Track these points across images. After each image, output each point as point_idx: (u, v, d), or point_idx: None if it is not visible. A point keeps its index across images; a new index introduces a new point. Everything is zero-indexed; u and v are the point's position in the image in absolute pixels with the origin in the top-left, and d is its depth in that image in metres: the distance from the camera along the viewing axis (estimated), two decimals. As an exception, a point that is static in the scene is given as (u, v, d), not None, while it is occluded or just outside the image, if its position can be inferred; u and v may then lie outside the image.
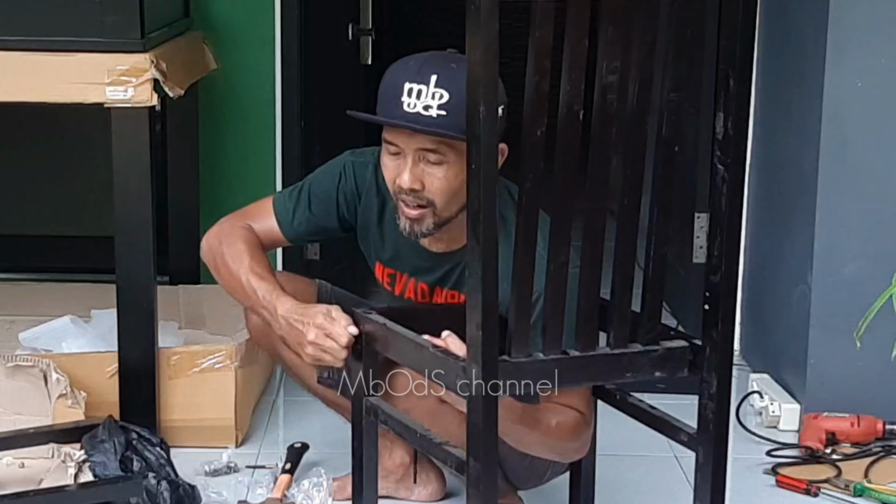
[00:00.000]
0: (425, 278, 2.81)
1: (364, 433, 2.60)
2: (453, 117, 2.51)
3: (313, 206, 2.86)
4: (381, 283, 2.92)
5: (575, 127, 2.12)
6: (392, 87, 2.59)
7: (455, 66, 2.55)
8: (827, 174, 3.55)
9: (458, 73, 2.49)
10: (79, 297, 4.00)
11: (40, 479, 3.06)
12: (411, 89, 2.55)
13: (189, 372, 3.42)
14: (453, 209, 2.64)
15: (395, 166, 2.63)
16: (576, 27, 2.07)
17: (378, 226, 2.84)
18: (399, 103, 2.56)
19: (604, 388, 2.59)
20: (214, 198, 4.26)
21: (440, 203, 2.62)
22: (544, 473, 2.90)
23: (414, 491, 3.15)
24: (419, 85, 2.55)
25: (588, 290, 2.25)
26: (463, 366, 2.19)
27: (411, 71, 2.58)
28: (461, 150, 2.43)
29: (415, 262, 2.81)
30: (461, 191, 2.54)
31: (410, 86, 2.55)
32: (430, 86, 2.54)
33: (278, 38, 4.17)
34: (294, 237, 2.90)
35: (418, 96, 2.54)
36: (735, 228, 2.27)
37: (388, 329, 2.48)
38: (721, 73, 2.21)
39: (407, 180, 2.60)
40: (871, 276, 3.49)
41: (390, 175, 2.65)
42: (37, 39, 3.20)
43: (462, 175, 2.46)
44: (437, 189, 2.61)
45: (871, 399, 3.57)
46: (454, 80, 2.51)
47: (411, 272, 2.82)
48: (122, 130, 3.23)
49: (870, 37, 3.49)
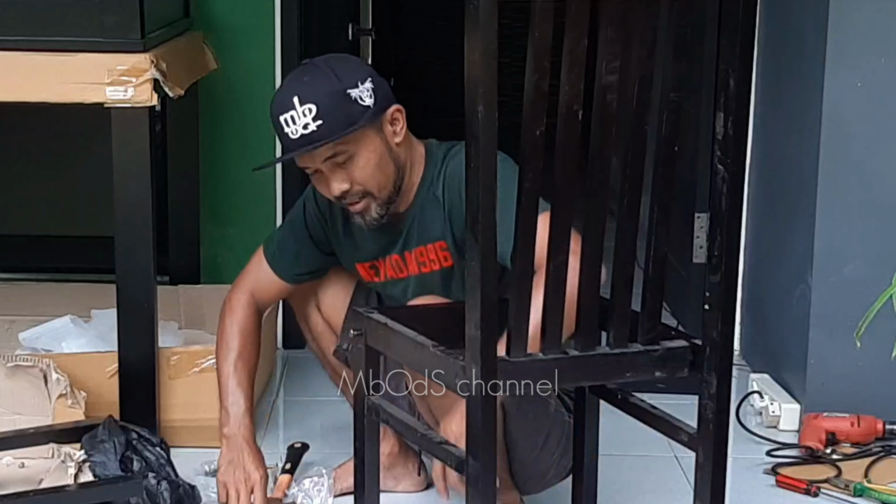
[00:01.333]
0: (393, 250, 2.94)
1: (366, 432, 2.60)
2: (330, 120, 2.73)
3: (294, 243, 3.05)
4: (369, 284, 3.04)
5: (574, 127, 2.12)
6: (275, 125, 2.79)
7: (307, 77, 2.78)
8: (827, 174, 3.55)
9: (312, 82, 2.76)
10: (79, 297, 4.00)
11: (40, 479, 3.06)
12: (286, 119, 2.75)
13: (189, 372, 3.42)
14: (388, 185, 2.83)
15: (322, 184, 2.83)
16: (575, 27, 2.07)
17: (346, 235, 2.99)
18: (286, 136, 2.76)
19: (605, 387, 2.59)
20: (214, 198, 4.27)
21: (373, 187, 2.80)
22: (548, 471, 2.91)
23: (401, 482, 3.20)
24: (288, 112, 2.74)
25: (588, 290, 2.25)
26: (462, 365, 2.19)
27: (278, 104, 2.78)
28: (356, 137, 2.75)
29: (380, 243, 2.95)
30: (383, 165, 2.80)
31: (284, 117, 2.75)
32: (297, 108, 2.74)
33: (278, 38, 4.17)
34: (292, 279, 3.08)
35: (294, 122, 2.74)
36: (735, 228, 2.27)
37: (389, 328, 2.48)
38: (721, 73, 2.21)
39: (335, 189, 2.80)
40: (871, 276, 3.49)
41: (325, 191, 2.84)
42: (37, 39, 3.20)
43: (373, 153, 2.78)
44: (362, 178, 2.79)
45: (871, 399, 3.57)
46: (311, 89, 2.75)
47: (382, 253, 2.96)
48: (122, 130, 3.23)
49: (870, 37, 3.49)
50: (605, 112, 2.15)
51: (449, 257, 2.87)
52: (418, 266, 2.92)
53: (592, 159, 2.18)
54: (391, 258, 2.95)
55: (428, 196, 2.88)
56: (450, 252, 2.87)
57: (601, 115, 2.15)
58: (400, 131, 2.84)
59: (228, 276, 4.18)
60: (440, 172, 2.87)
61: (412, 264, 2.93)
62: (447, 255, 2.88)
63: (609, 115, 2.16)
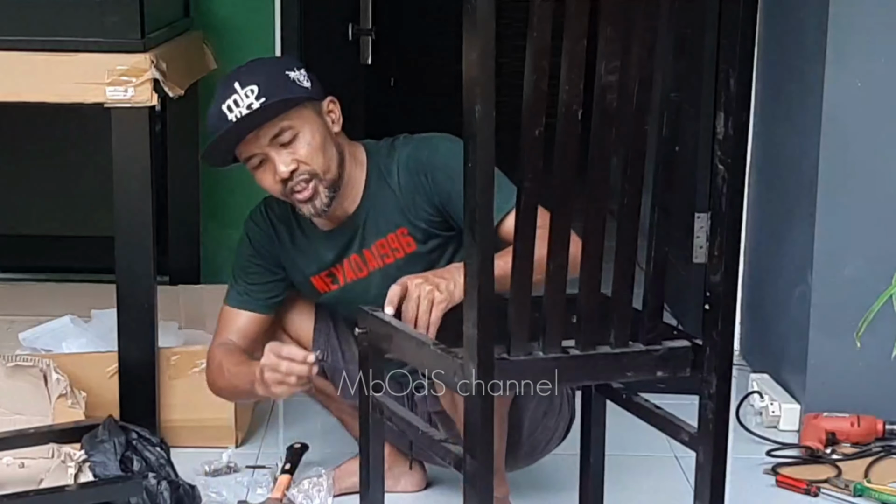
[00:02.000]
0: (350, 251, 2.93)
1: (371, 430, 2.60)
2: (272, 96, 2.73)
3: (253, 276, 3.01)
4: (324, 296, 3.02)
5: (574, 126, 2.11)
6: (215, 117, 2.77)
7: (243, 68, 2.82)
8: (827, 174, 3.55)
9: (252, 67, 2.81)
10: (79, 297, 4.00)
11: (40, 479, 3.07)
12: (229, 105, 2.75)
13: (189, 372, 3.42)
14: (333, 166, 2.82)
15: (269, 172, 2.80)
16: (574, 26, 2.07)
17: (296, 250, 2.98)
18: (227, 121, 2.74)
19: (611, 387, 2.58)
20: (214, 198, 4.27)
21: (319, 166, 2.79)
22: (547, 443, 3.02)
23: (400, 481, 3.21)
24: (230, 98, 2.75)
25: (588, 290, 2.25)
26: (461, 364, 2.19)
27: (218, 97, 2.77)
28: (299, 114, 2.77)
29: (336, 248, 2.94)
30: (326, 147, 2.81)
31: (227, 103, 2.75)
32: (239, 91, 2.74)
33: (278, 38, 4.18)
34: (265, 308, 3.02)
35: (237, 105, 2.74)
36: (735, 228, 2.27)
37: (392, 326, 2.48)
38: (721, 73, 2.21)
39: (283, 169, 2.77)
40: (871, 276, 3.49)
41: (271, 181, 2.80)
42: (37, 39, 3.21)
43: (317, 132, 2.79)
44: (308, 156, 2.78)
45: (871, 399, 3.57)
46: (253, 73, 2.78)
47: (339, 258, 2.95)
48: (122, 130, 3.23)
49: (870, 37, 3.49)
50: (605, 112, 2.15)
51: (412, 241, 2.88)
52: (381, 259, 2.92)
53: (592, 159, 2.18)
54: (350, 259, 2.94)
55: (379, 188, 2.89)
56: (412, 236, 2.88)
57: (601, 115, 2.15)
58: (337, 121, 2.86)
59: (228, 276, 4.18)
60: (393, 162, 2.88)
61: (374, 259, 2.92)
62: (409, 241, 2.88)
63: (609, 114, 2.16)
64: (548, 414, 2.99)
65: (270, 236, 3.00)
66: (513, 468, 3.06)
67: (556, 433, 3.04)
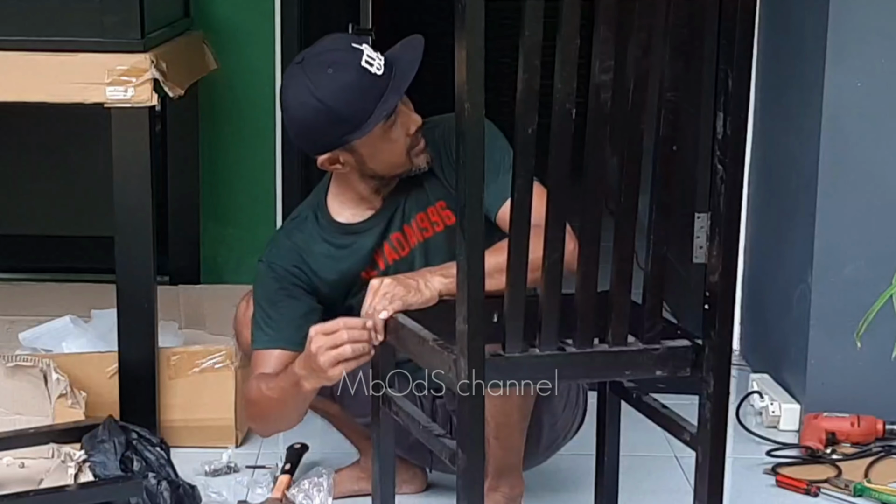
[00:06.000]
0: (393, 229, 2.91)
1: (381, 424, 2.60)
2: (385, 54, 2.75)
3: (283, 312, 2.85)
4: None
5: (568, 125, 2.12)
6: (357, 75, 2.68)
7: (326, 40, 2.79)
8: (827, 174, 3.55)
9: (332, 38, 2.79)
10: (79, 297, 4.00)
11: (40, 479, 3.07)
12: (367, 60, 2.70)
13: (189, 372, 3.42)
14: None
15: (400, 128, 2.78)
16: (567, 25, 2.07)
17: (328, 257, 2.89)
18: (380, 77, 2.70)
19: (623, 386, 2.57)
20: (214, 198, 4.27)
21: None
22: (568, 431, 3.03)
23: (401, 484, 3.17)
24: (361, 58, 2.70)
25: (586, 288, 2.25)
26: (454, 359, 2.20)
27: (343, 64, 2.70)
28: None
29: (378, 230, 2.90)
30: None
31: (361, 62, 2.70)
32: (365, 53, 2.71)
33: (278, 38, 4.18)
34: (298, 346, 2.76)
35: (372, 62, 2.70)
36: (735, 228, 2.27)
37: (399, 322, 2.48)
38: (720, 73, 2.21)
39: (417, 118, 2.80)
40: (871, 276, 3.49)
41: (401, 143, 2.79)
42: (37, 39, 3.21)
43: None
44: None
45: (871, 399, 3.57)
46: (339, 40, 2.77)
47: (380, 240, 2.90)
48: (122, 130, 3.23)
49: (870, 37, 3.49)
50: (599, 111, 2.15)
51: (451, 215, 2.88)
52: (421, 233, 2.91)
53: (587, 158, 2.18)
54: (392, 238, 2.91)
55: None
56: (451, 209, 2.88)
57: (595, 114, 2.16)
58: None
59: (228, 276, 4.19)
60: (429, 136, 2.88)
61: (414, 235, 2.91)
62: (449, 214, 2.89)
63: (603, 113, 2.16)
64: (566, 407, 3.00)
65: (296, 260, 2.88)
66: (531, 464, 3.06)
67: (574, 425, 3.05)
